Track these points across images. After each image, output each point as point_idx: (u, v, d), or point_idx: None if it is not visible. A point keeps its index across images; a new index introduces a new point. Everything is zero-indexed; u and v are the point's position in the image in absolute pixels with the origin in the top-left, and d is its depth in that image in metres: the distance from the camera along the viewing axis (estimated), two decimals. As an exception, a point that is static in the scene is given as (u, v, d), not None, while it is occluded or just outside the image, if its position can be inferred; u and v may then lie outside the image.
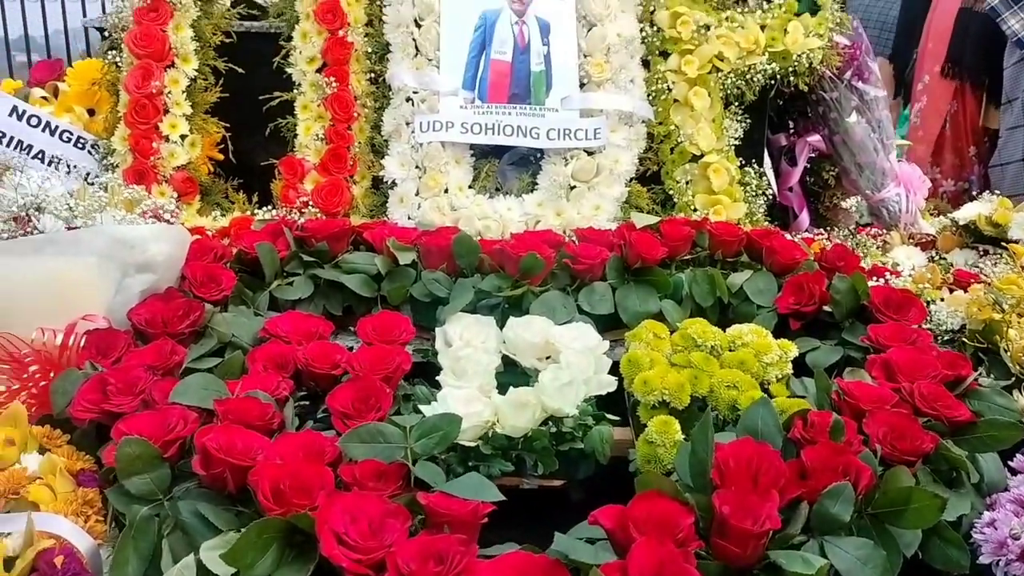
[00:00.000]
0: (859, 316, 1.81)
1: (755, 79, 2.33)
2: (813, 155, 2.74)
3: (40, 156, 2.28)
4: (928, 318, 1.86)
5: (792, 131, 2.75)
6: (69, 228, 1.76)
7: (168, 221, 1.81)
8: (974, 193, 4.33)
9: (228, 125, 2.35)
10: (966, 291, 1.98)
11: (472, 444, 1.41)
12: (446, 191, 2.21)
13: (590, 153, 2.27)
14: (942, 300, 1.96)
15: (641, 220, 2.07)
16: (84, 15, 8.61)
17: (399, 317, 1.75)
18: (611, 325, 1.85)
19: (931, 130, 4.37)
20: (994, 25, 3.97)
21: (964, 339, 1.79)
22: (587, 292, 1.86)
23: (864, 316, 1.80)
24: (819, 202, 2.77)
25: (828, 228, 2.63)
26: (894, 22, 4.98)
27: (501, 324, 1.76)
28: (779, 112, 2.69)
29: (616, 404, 1.61)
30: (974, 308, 1.84)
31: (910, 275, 2.06)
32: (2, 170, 2.00)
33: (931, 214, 2.92)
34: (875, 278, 2.03)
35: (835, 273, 1.87)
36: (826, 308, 1.82)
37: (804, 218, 2.68)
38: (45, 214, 1.74)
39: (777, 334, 1.76)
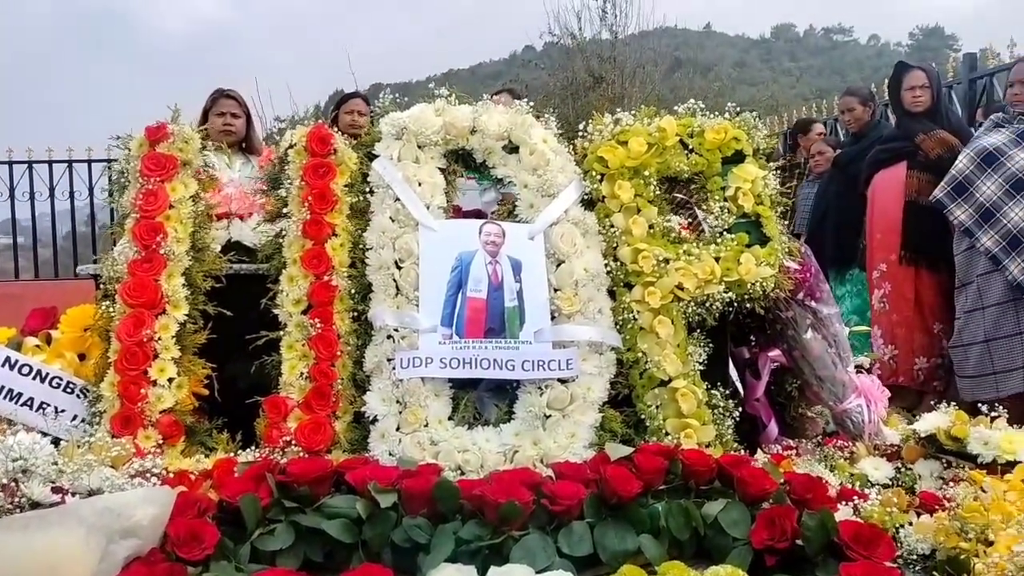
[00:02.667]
0: (831, 551, 1.85)
1: (714, 306, 2.49)
2: (775, 365, 2.87)
3: (29, 403, 2.35)
4: (898, 544, 1.92)
5: (754, 344, 2.89)
6: (55, 489, 1.81)
7: (154, 480, 1.85)
8: (947, 365, 4.51)
9: (214, 365, 2.44)
10: (932, 515, 2.05)
11: None
12: (426, 425, 2.29)
13: (563, 382, 2.37)
14: (911, 524, 2.03)
15: (615, 451, 2.14)
16: (71, 199, 8.93)
17: (380, 572, 1.76)
18: (591, 563, 1.88)
19: (904, 313, 4.56)
20: (941, 214, 4.31)
21: (935, 571, 1.84)
22: (566, 533, 1.90)
23: (836, 551, 1.85)
24: (786, 412, 2.86)
25: (797, 439, 2.72)
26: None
27: (482, 570, 1.78)
28: (740, 327, 2.84)
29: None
30: (941, 536, 1.91)
31: (878, 498, 2.13)
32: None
33: (895, 410, 3.02)
34: (844, 503, 2.10)
35: (805, 507, 1.93)
36: (799, 542, 1.87)
37: (772, 428, 2.77)
38: (33, 479, 1.78)
39: (753, 567, 1.81)
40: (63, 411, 2.37)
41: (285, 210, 2.55)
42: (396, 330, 2.38)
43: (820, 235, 5.48)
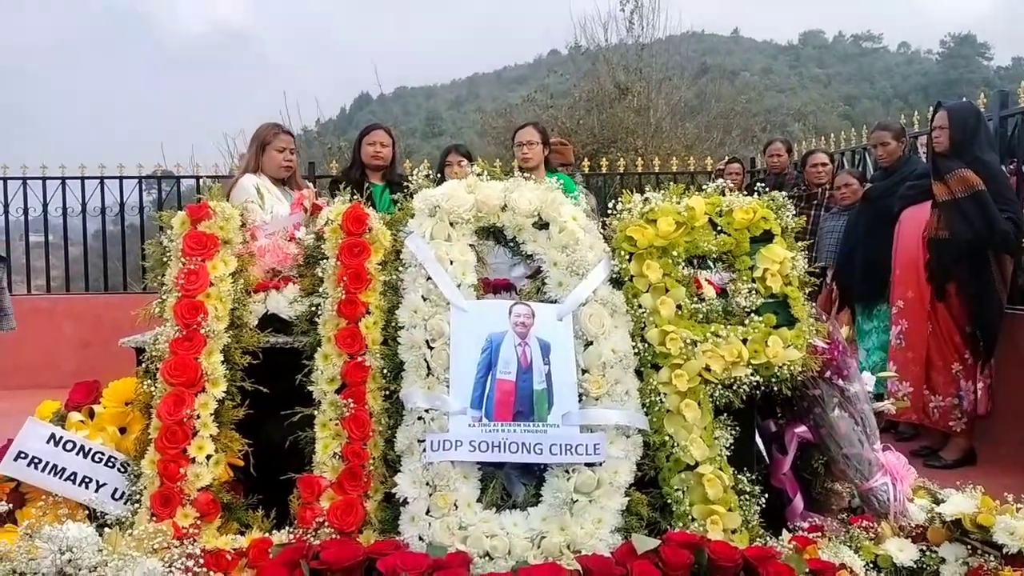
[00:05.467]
0: (856, 661, 1.88)
1: (741, 389, 2.51)
2: (803, 439, 2.88)
3: (72, 478, 2.43)
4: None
5: (780, 418, 2.90)
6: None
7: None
8: (964, 407, 4.56)
9: (250, 442, 2.50)
10: (957, 615, 2.07)
11: None
12: (455, 507, 2.33)
13: (590, 465, 2.41)
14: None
15: (642, 544, 2.18)
16: (103, 200, 9.04)
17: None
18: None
19: (919, 350, 4.70)
20: (955, 250, 4.45)
21: None
22: (592, 635, 1.94)
23: (860, 661, 1.88)
24: (812, 487, 2.87)
25: (823, 514, 2.73)
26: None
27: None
28: (767, 399, 2.85)
29: None
30: (967, 644, 1.92)
31: (902, 594, 2.15)
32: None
33: (920, 485, 3.02)
34: (868, 599, 2.13)
35: (829, 612, 1.96)
36: (824, 649, 1.90)
37: (798, 503, 2.79)
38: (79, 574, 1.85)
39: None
40: (104, 485, 2.45)
41: (320, 289, 2.60)
42: (427, 411, 2.42)
43: (849, 269, 5.51)
